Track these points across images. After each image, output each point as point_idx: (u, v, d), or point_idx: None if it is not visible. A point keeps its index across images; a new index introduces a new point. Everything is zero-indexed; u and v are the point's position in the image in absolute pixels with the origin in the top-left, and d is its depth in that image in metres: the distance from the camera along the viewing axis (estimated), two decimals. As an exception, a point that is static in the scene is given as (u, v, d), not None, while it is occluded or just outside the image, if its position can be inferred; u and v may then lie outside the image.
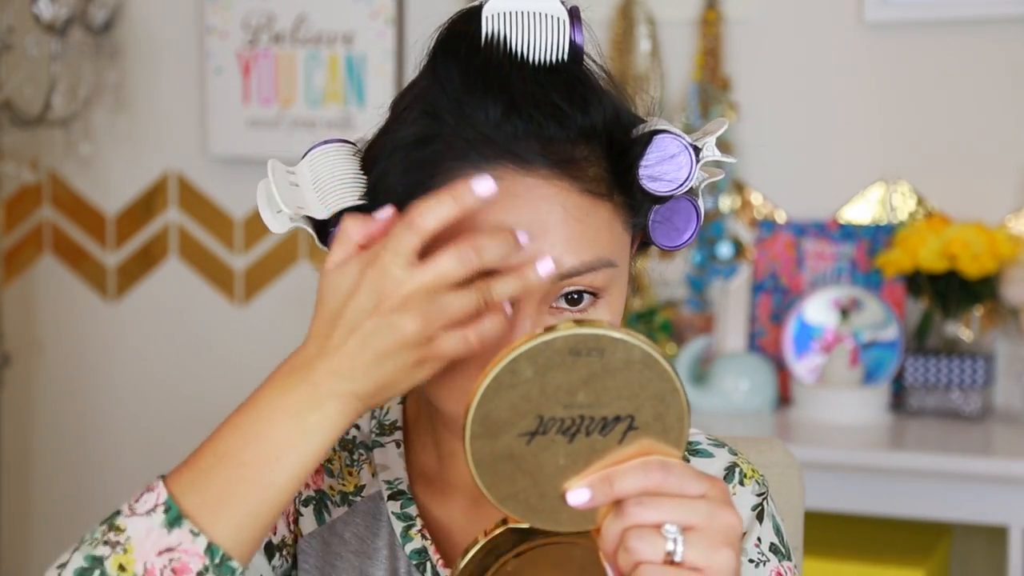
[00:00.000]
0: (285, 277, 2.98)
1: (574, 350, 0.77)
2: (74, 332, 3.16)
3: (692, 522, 0.77)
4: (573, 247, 0.90)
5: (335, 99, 2.87)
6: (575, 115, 0.92)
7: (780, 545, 1.04)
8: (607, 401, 0.78)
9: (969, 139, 2.55)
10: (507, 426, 0.78)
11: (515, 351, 0.77)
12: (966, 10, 2.52)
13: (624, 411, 0.78)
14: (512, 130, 0.90)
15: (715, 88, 2.65)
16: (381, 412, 1.08)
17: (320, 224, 0.94)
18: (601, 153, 0.93)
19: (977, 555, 2.50)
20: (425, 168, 0.91)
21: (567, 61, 0.93)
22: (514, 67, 0.92)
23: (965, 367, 2.41)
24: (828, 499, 2.20)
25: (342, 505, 1.04)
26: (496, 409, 0.78)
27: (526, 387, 0.78)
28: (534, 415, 0.78)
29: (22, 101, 2.97)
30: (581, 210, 0.91)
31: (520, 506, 0.80)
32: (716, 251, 2.65)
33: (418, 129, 0.93)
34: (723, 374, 2.47)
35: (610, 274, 0.92)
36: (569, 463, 0.79)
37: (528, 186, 0.90)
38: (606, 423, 0.78)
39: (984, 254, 2.38)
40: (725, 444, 1.08)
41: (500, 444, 0.78)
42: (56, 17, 2.85)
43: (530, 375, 0.77)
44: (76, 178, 3.13)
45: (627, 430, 0.78)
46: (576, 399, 0.78)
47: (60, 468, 3.18)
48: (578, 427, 0.78)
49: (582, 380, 0.78)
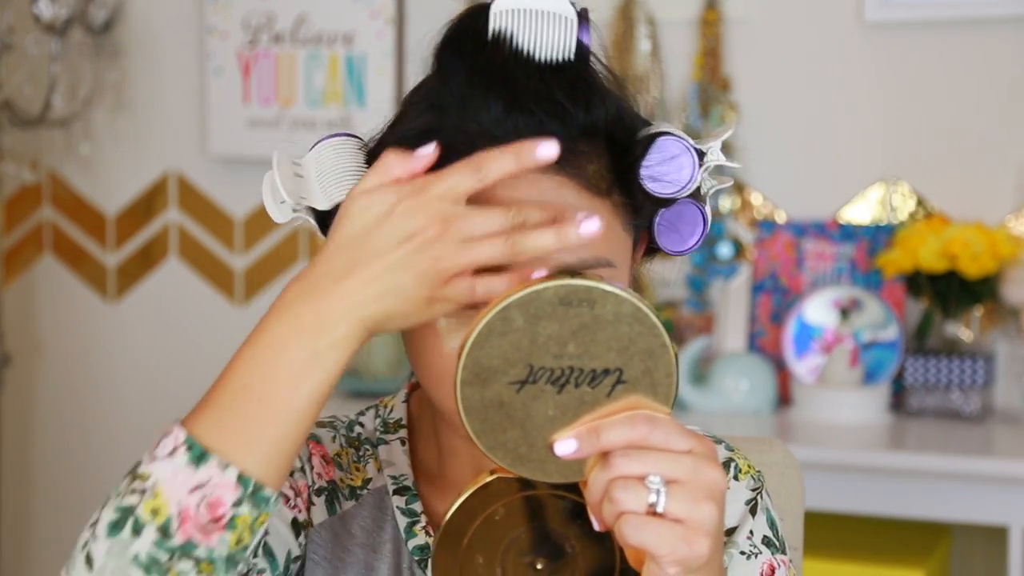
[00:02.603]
0: (285, 277, 2.98)
1: (565, 300, 0.78)
2: (74, 332, 3.16)
3: (676, 475, 0.78)
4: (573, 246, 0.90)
5: (335, 99, 2.87)
6: (577, 113, 0.92)
7: (774, 538, 1.05)
8: (596, 353, 0.79)
9: (969, 139, 2.55)
10: (497, 374, 0.79)
11: (507, 299, 0.78)
12: (966, 10, 2.52)
13: (613, 364, 0.79)
14: (513, 126, 0.91)
15: (715, 88, 2.65)
16: (386, 411, 1.09)
17: (321, 216, 0.94)
18: (602, 152, 0.93)
19: (977, 555, 2.50)
20: None
21: (573, 61, 0.94)
22: (519, 64, 0.93)
23: (965, 367, 2.41)
24: (828, 499, 2.20)
25: (350, 499, 1.05)
26: (487, 356, 0.79)
27: (517, 335, 0.79)
28: (524, 364, 0.79)
29: (22, 101, 2.97)
30: (580, 205, 0.91)
31: (508, 455, 0.81)
32: (716, 251, 2.65)
33: (421, 122, 0.93)
34: (723, 374, 2.47)
35: (608, 274, 0.92)
36: (558, 414, 0.80)
37: (529, 180, 0.90)
38: (595, 375, 0.79)
39: (984, 254, 2.38)
40: (722, 440, 1.09)
41: (490, 392, 0.80)
42: (56, 17, 2.85)
43: (521, 323, 0.79)
44: (76, 178, 3.13)
45: (616, 384, 0.80)
46: (566, 349, 0.79)
47: (60, 468, 3.18)
48: (567, 378, 0.79)
49: (572, 331, 0.79)
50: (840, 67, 2.62)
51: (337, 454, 1.07)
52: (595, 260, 0.91)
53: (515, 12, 0.93)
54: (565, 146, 0.90)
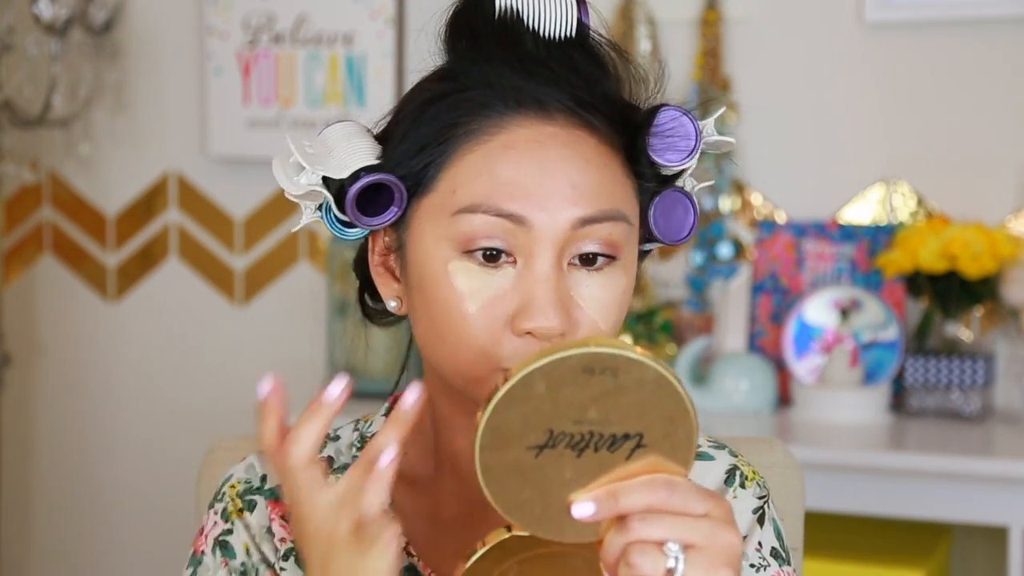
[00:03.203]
0: (285, 277, 2.98)
1: (588, 368, 0.78)
2: (74, 332, 3.16)
3: (694, 540, 0.77)
4: (593, 193, 0.92)
5: (335, 99, 2.87)
6: (593, 75, 0.95)
7: (781, 549, 1.04)
8: (617, 419, 0.78)
9: (969, 139, 2.55)
10: (517, 438, 0.79)
11: (530, 366, 0.78)
12: (966, 10, 2.52)
13: (634, 429, 0.79)
14: (533, 81, 0.93)
15: (715, 88, 2.65)
16: (365, 425, 1.07)
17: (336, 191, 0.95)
18: (613, 119, 0.95)
19: (977, 555, 2.50)
20: (443, 122, 0.93)
21: (576, 37, 0.97)
22: (529, 36, 0.96)
23: (965, 367, 2.41)
24: (828, 499, 2.20)
25: None
26: (507, 421, 0.78)
27: (538, 401, 0.78)
28: (544, 429, 0.78)
29: (22, 101, 2.97)
30: (599, 159, 0.93)
31: (525, 516, 0.80)
32: (716, 251, 2.65)
33: (435, 88, 0.96)
34: (723, 374, 2.47)
35: (626, 232, 0.94)
36: (576, 477, 0.79)
37: (549, 134, 0.92)
38: (615, 440, 0.79)
39: (984, 254, 2.38)
40: (725, 446, 1.08)
41: (509, 456, 0.79)
42: (56, 17, 2.85)
43: (543, 390, 0.78)
44: (76, 178, 3.13)
45: (635, 448, 0.79)
46: (587, 415, 0.78)
47: (60, 468, 3.18)
48: (587, 443, 0.79)
49: (594, 397, 0.78)
50: (840, 67, 2.62)
51: None
52: (616, 211, 0.93)
53: None
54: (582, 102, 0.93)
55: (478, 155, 0.92)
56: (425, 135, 0.94)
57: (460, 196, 0.91)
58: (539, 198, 0.90)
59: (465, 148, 0.92)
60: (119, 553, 3.14)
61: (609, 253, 0.93)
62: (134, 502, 3.12)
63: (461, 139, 0.92)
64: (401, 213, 0.95)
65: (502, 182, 0.91)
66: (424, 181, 0.94)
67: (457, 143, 0.92)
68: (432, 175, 0.93)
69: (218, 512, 1.04)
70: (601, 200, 0.92)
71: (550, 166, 0.91)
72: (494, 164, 0.91)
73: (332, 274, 2.75)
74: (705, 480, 1.04)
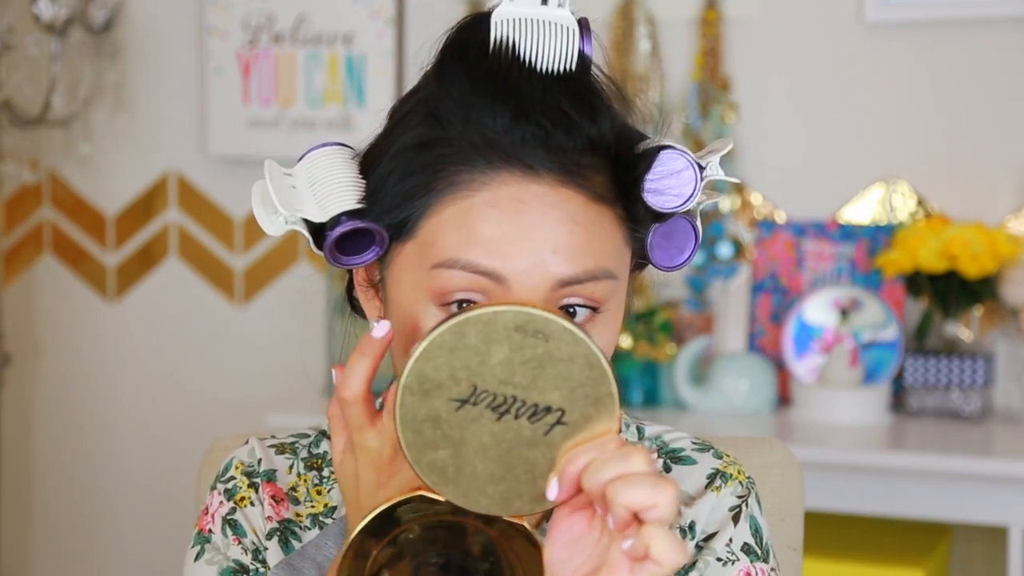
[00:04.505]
0: (285, 277, 2.98)
1: (521, 328, 0.78)
2: (74, 332, 3.16)
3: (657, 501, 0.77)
4: (576, 255, 0.89)
5: (335, 99, 2.87)
6: (583, 123, 0.91)
7: (756, 546, 1.03)
8: (542, 388, 0.79)
9: (969, 139, 2.55)
10: (440, 388, 0.79)
11: (464, 315, 0.78)
12: (966, 10, 2.52)
13: (556, 404, 0.79)
14: (520, 136, 0.90)
15: (715, 88, 2.65)
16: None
17: (316, 228, 0.93)
18: (607, 165, 0.92)
19: (977, 555, 2.50)
20: (426, 172, 0.91)
21: (575, 71, 0.93)
22: (523, 74, 0.92)
23: (965, 367, 2.41)
24: (828, 499, 2.20)
25: (313, 528, 1.03)
26: (433, 368, 0.79)
27: (467, 353, 0.78)
28: (469, 383, 0.79)
29: (22, 101, 2.97)
30: (586, 218, 0.90)
31: (435, 473, 0.80)
32: (716, 251, 2.65)
33: (421, 132, 0.92)
34: (723, 374, 2.47)
35: (611, 287, 0.92)
36: (492, 443, 0.79)
37: (534, 193, 0.89)
38: (536, 411, 0.79)
39: (984, 254, 2.38)
40: (711, 447, 1.07)
41: (429, 405, 0.79)
42: (56, 17, 2.85)
43: (474, 342, 0.78)
44: (76, 178, 3.13)
45: (555, 423, 0.79)
46: (513, 378, 0.78)
47: (60, 468, 3.18)
48: (508, 407, 0.79)
49: (522, 360, 0.78)
50: (840, 67, 2.62)
51: (293, 487, 1.05)
52: (600, 270, 0.90)
53: (517, 21, 0.92)
54: (571, 158, 0.90)
55: (459, 209, 0.89)
56: (408, 185, 0.91)
57: (439, 250, 0.89)
58: (518, 259, 0.88)
59: (447, 200, 0.90)
60: (119, 552, 3.14)
61: (591, 306, 0.91)
62: (134, 501, 3.12)
63: (443, 191, 0.90)
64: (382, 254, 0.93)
65: (482, 240, 0.88)
66: (405, 227, 0.92)
67: (439, 195, 0.90)
68: (413, 223, 0.91)
69: (221, 492, 1.05)
70: (585, 261, 0.89)
71: (533, 229, 0.88)
72: (475, 220, 0.89)
73: (332, 274, 2.75)
74: (686, 485, 1.04)
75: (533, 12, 0.92)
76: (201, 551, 1.03)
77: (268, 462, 1.05)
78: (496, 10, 0.92)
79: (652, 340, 2.55)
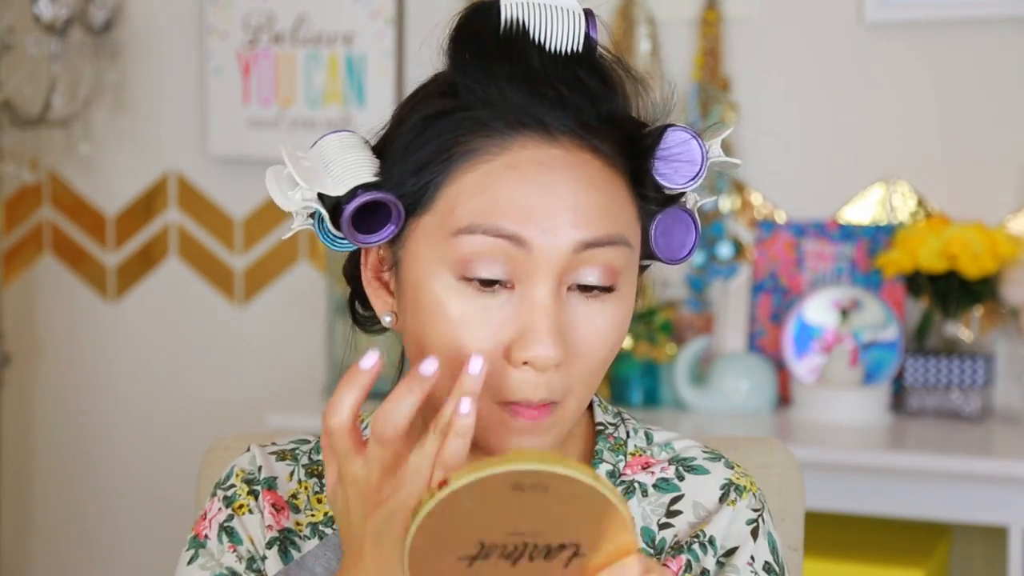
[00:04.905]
0: (285, 277, 2.98)
1: (517, 486, 0.76)
2: (74, 332, 3.16)
3: None
4: (595, 217, 0.90)
5: (335, 99, 2.87)
6: (599, 94, 0.93)
7: (774, 563, 1.03)
8: (551, 530, 0.77)
9: (969, 139, 2.55)
10: (447, 549, 0.77)
11: (454, 486, 0.76)
12: (966, 10, 2.52)
13: (569, 539, 0.78)
14: (538, 98, 0.91)
15: (715, 88, 2.65)
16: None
17: (332, 207, 0.93)
18: (619, 137, 0.93)
19: (977, 555, 2.50)
20: (443, 139, 0.91)
21: (583, 52, 0.94)
22: (535, 51, 0.93)
23: (965, 367, 2.41)
24: (828, 499, 2.20)
25: (312, 537, 1.02)
26: (437, 532, 0.77)
27: (466, 515, 0.77)
28: (475, 541, 0.77)
29: (22, 101, 2.97)
30: (603, 181, 0.91)
31: None
32: (716, 251, 2.65)
33: (436, 103, 0.93)
34: (723, 374, 2.47)
35: (626, 257, 0.92)
36: None
37: (553, 156, 0.90)
38: (551, 550, 0.78)
39: (984, 254, 2.38)
40: (722, 456, 1.06)
41: (440, 565, 0.78)
42: (56, 17, 2.85)
43: (470, 506, 0.76)
44: (76, 178, 3.13)
45: (572, 556, 0.78)
46: (519, 527, 0.77)
47: (60, 468, 3.18)
48: (521, 553, 0.78)
49: (524, 511, 0.77)
50: (840, 67, 2.62)
51: (293, 494, 1.04)
52: (618, 236, 0.91)
53: (525, 4, 0.94)
54: (587, 123, 0.91)
55: (479, 175, 0.90)
56: (425, 154, 0.92)
57: (459, 215, 0.90)
58: (540, 220, 0.89)
59: (466, 167, 0.90)
60: (119, 552, 3.14)
61: (608, 284, 0.92)
62: (134, 501, 3.12)
63: (461, 158, 0.90)
64: (398, 231, 0.93)
65: (503, 202, 0.89)
66: (422, 199, 0.92)
67: (457, 162, 0.90)
68: (431, 194, 0.91)
69: (220, 499, 1.04)
70: (605, 224, 0.90)
71: (553, 188, 0.89)
72: (495, 184, 0.89)
73: (332, 274, 2.75)
74: (699, 495, 1.03)
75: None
76: (195, 555, 1.03)
77: (268, 469, 1.05)
78: None
79: (652, 340, 2.55)
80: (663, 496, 1.03)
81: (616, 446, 1.05)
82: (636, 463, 1.05)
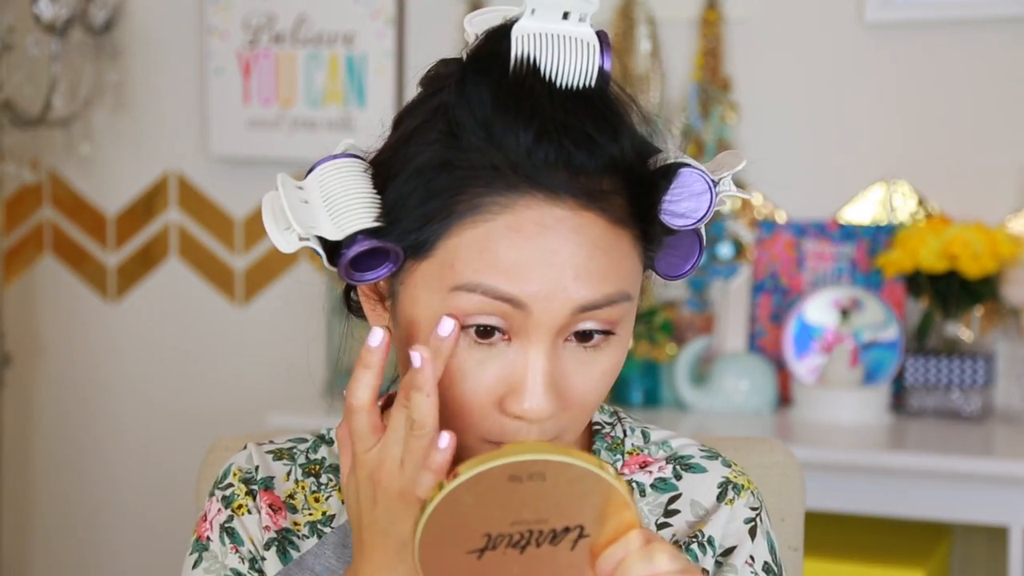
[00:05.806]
0: (285, 277, 2.98)
1: (515, 477, 0.79)
2: (75, 332, 3.16)
3: None
4: (596, 280, 0.89)
5: (335, 99, 2.87)
6: (604, 144, 0.90)
7: (773, 564, 1.03)
8: (554, 515, 0.80)
9: (969, 139, 2.55)
10: (455, 544, 0.80)
11: (453, 483, 0.79)
12: (966, 10, 2.52)
13: (572, 522, 0.80)
14: (542, 158, 0.89)
15: (715, 88, 2.65)
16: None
17: (330, 245, 0.92)
18: (625, 186, 0.92)
19: (977, 555, 2.50)
20: (447, 194, 0.90)
21: (595, 87, 0.92)
22: (544, 91, 0.90)
23: (965, 367, 2.41)
24: (828, 499, 2.20)
25: (311, 536, 1.02)
26: (442, 530, 0.80)
27: (468, 511, 0.79)
28: (481, 534, 0.80)
29: (22, 101, 2.97)
30: (607, 242, 0.90)
31: None
32: (716, 251, 2.65)
33: (440, 152, 0.91)
34: (723, 374, 2.47)
35: (626, 308, 0.92)
36: (523, 571, 0.81)
37: (556, 217, 0.88)
38: (556, 534, 0.80)
39: (984, 254, 2.38)
40: (719, 455, 1.06)
41: (451, 561, 0.80)
42: (56, 17, 2.85)
43: (471, 502, 0.79)
44: (76, 178, 3.13)
45: (578, 538, 0.81)
46: (522, 516, 0.80)
47: (60, 468, 3.18)
48: (528, 540, 0.80)
49: (524, 500, 0.79)
50: (840, 67, 2.62)
51: (290, 494, 1.04)
52: (619, 294, 0.91)
53: (538, 36, 0.91)
54: (593, 181, 0.89)
55: (480, 233, 0.88)
56: (428, 208, 0.90)
57: (458, 272, 0.89)
58: (540, 285, 0.88)
59: (467, 222, 0.89)
60: (119, 552, 3.14)
61: (606, 330, 0.92)
62: (134, 501, 3.12)
63: (464, 214, 0.89)
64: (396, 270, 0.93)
65: (504, 265, 0.88)
66: (423, 246, 0.91)
67: (459, 217, 0.89)
68: (431, 241, 0.90)
69: (219, 499, 1.04)
70: (605, 286, 0.89)
71: (556, 252, 0.88)
72: (496, 245, 0.88)
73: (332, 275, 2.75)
74: (697, 494, 1.04)
75: (554, 27, 0.91)
76: (199, 559, 1.03)
77: (266, 469, 1.05)
78: (517, 24, 0.91)
79: (652, 340, 2.55)
80: (661, 496, 1.04)
81: (613, 445, 1.05)
82: (634, 462, 1.05)
